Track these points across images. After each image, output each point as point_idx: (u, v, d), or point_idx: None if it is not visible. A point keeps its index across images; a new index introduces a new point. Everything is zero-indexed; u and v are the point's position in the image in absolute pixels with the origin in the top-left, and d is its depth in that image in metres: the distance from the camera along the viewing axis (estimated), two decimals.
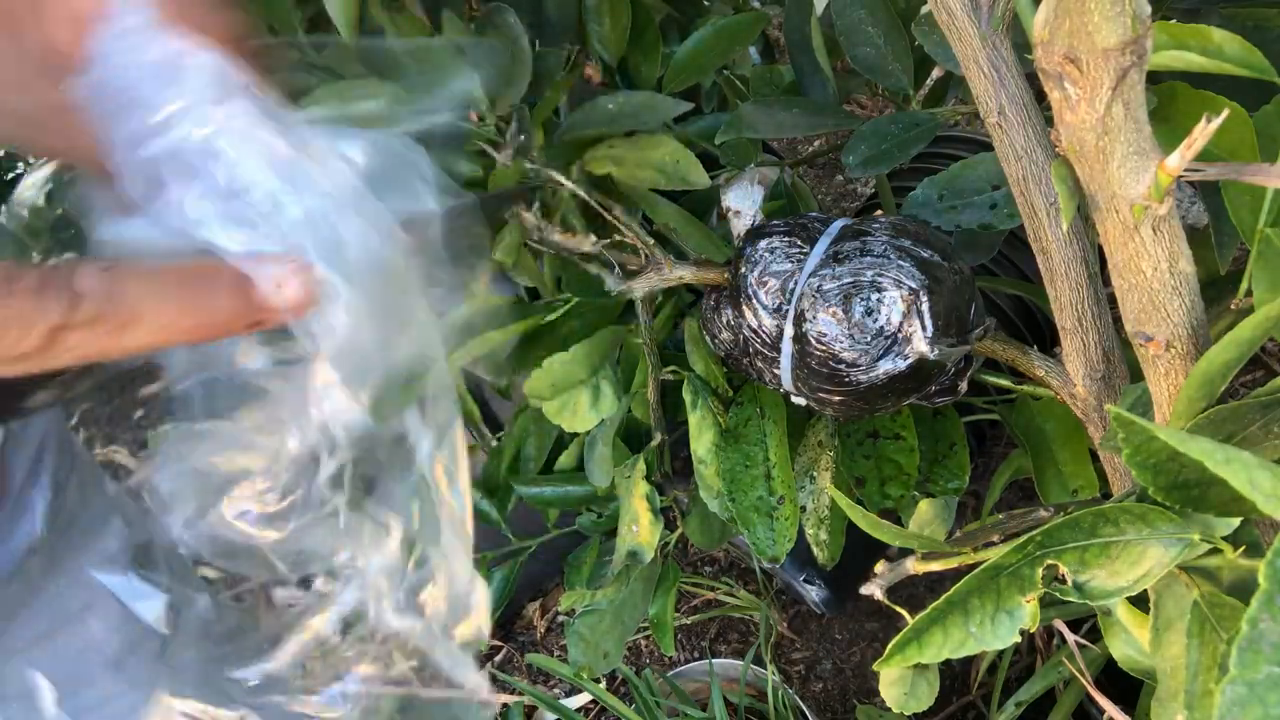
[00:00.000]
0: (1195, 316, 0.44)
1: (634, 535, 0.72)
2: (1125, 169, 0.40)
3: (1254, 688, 0.27)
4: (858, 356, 0.54)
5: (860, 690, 1.43)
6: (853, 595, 1.46)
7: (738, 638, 1.53)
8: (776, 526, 0.65)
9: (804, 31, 0.77)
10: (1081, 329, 0.51)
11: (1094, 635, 1.12)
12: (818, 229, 0.58)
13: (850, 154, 0.67)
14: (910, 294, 0.53)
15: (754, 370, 0.63)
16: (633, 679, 1.21)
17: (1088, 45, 0.37)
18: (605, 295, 0.66)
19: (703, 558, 1.64)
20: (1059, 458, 0.68)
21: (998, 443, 1.61)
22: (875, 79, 0.71)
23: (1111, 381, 0.53)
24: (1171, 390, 0.46)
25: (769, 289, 0.57)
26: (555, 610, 1.62)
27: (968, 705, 1.36)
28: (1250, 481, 0.29)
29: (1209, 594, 0.39)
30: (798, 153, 1.42)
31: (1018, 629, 0.40)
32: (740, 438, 0.68)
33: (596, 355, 0.70)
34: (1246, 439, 0.41)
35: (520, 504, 0.85)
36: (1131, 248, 0.42)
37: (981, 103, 0.47)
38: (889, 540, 0.51)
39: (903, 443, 0.69)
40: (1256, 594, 0.28)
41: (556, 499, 0.81)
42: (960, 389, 0.60)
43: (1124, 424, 0.34)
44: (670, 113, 0.71)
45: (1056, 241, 0.49)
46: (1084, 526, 0.40)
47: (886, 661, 0.41)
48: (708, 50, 0.79)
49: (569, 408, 0.70)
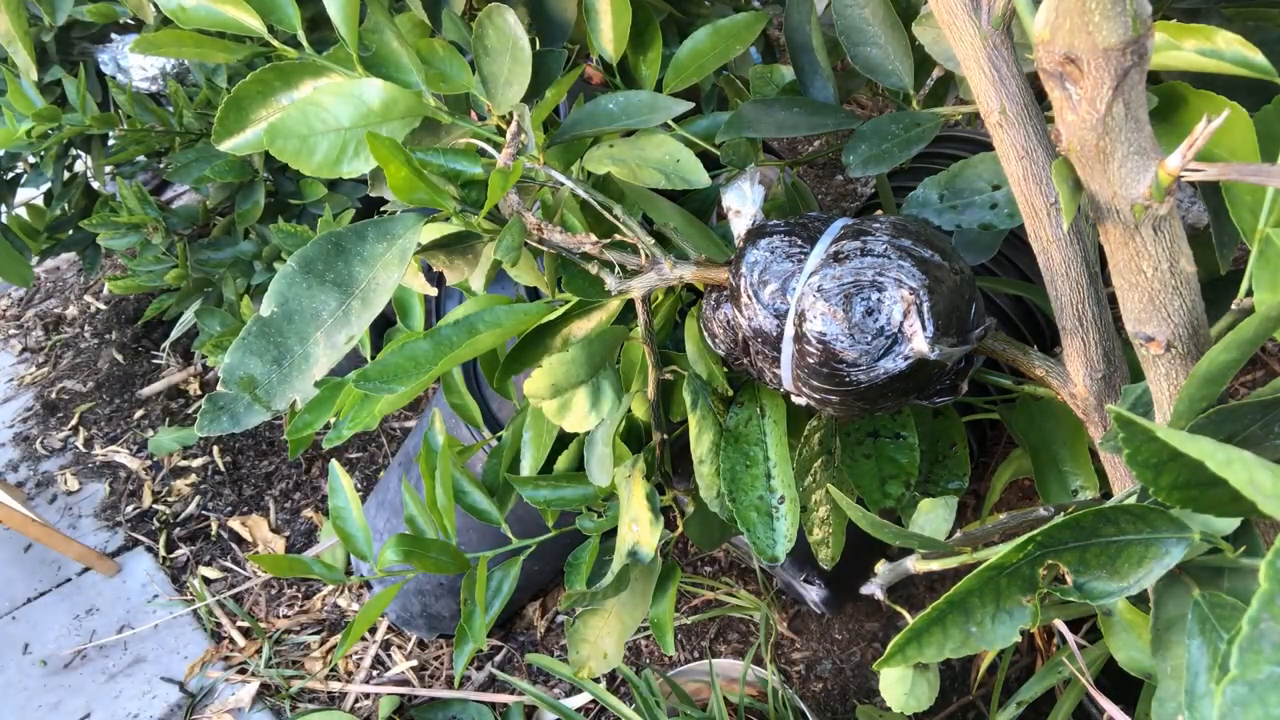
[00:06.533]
0: (1196, 316, 0.44)
1: (634, 535, 0.71)
2: (1126, 169, 0.40)
3: (1255, 687, 0.27)
4: (858, 356, 0.54)
5: (860, 690, 1.43)
6: (853, 595, 1.46)
7: (738, 638, 1.53)
8: (777, 526, 0.65)
9: (804, 31, 0.77)
10: (1082, 329, 0.51)
11: (1094, 635, 1.13)
12: (818, 229, 0.58)
13: (850, 153, 0.67)
14: (911, 294, 0.53)
15: (754, 370, 0.63)
16: (633, 679, 1.21)
17: (1088, 45, 0.37)
18: (605, 295, 0.66)
19: (703, 558, 1.64)
20: (1059, 458, 0.68)
21: (998, 443, 1.61)
22: (876, 78, 0.71)
23: (1112, 381, 0.53)
24: (1172, 390, 0.46)
25: (769, 289, 0.57)
26: (555, 610, 1.62)
27: (968, 705, 1.36)
28: (1251, 481, 0.29)
29: (1210, 594, 0.39)
30: (798, 153, 1.42)
31: (1018, 629, 0.40)
32: (740, 437, 0.67)
33: (597, 355, 0.70)
34: (1247, 439, 0.41)
35: (520, 504, 0.85)
36: (1132, 247, 0.43)
37: (982, 102, 0.47)
38: (889, 540, 0.51)
39: (903, 442, 0.69)
40: (1257, 594, 0.27)
41: (556, 499, 0.81)
42: (961, 389, 0.60)
43: (1124, 424, 0.34)
44: (670, 113, 0.71)
45: (1057, 241, 0.49)
46: (1084, 526, 0.40)
47: (886, 661, 0.41)
48: (708, 50, 0.79)
49: (569, 408, 0.70)
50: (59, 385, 2.40)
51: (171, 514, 1.97)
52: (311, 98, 0.61)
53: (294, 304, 0.56)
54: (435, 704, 1.52)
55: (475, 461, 1.19)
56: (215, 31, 0.65)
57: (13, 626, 1.77)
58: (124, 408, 2.28)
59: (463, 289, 0.73)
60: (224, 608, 1.75)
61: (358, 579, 0.78)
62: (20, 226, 1.78)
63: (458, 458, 0.87)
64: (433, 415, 0.83)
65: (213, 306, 1.59)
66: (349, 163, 0.62)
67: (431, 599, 1.52)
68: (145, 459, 2.12)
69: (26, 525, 1.68)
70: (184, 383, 2.30)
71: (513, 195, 0.63)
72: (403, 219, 0.59)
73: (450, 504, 0.80)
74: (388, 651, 1.63)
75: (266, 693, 1.58)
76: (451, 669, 1.59)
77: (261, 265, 1.62)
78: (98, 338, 2.54)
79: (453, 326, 0.61)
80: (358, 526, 0.80)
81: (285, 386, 0.56)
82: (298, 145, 0.60)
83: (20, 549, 1.93)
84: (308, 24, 0.66)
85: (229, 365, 0.55)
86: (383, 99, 0.63)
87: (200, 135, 1.53)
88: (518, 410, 0.86)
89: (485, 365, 0.81)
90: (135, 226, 1.61)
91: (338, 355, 0.56)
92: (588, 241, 0.64)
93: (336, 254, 0.57)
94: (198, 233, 1.69)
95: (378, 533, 1.51)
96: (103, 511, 2.01)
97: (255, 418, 0.63)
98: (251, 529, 1.90)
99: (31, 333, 2.64)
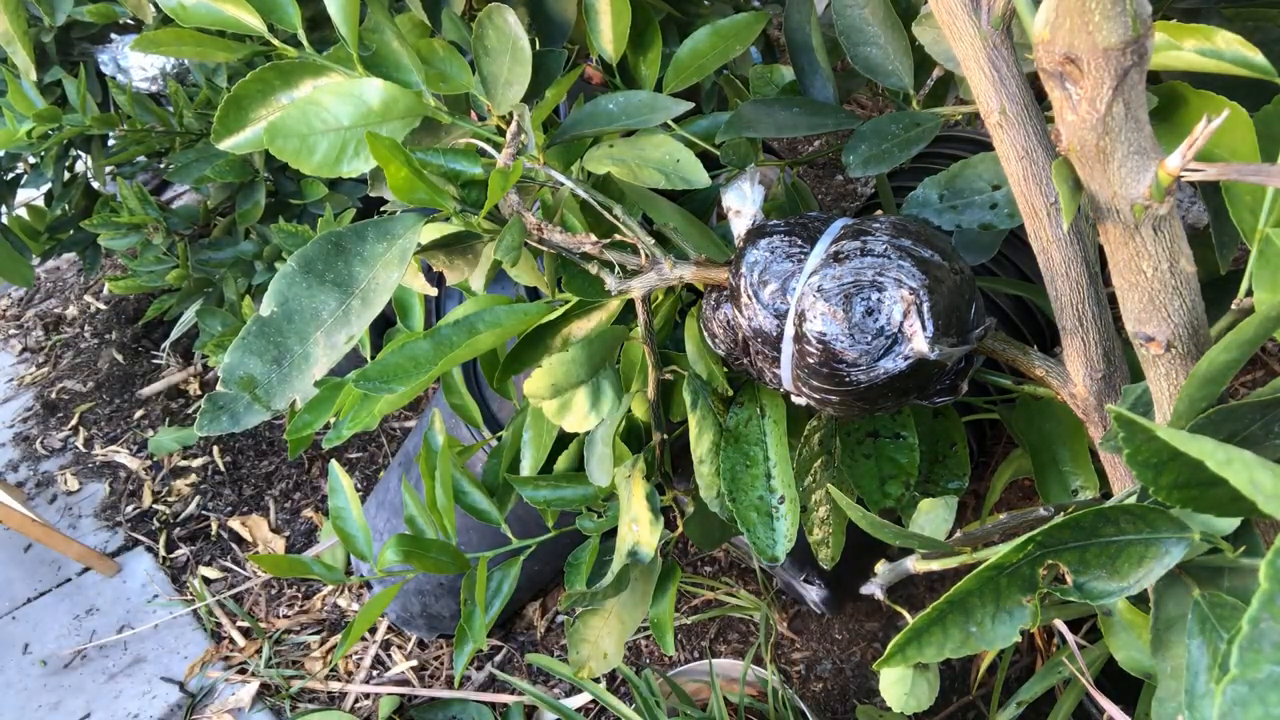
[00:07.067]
0: (1196, 316, 0.44)
1: (634, 535, 0.71)
2: (1126, 169, 0.40)
3: (1255, 687, 0.27)
4: (858, 356, 0.54)
5: (860, 690, 1.43)
6: (853, 595, 1.46)
7: (738, 638, 1.53)
8: (777, 526, 0.65)
9: (804, 31, 0.77)
10: (1082, 329, 0.51)
11: (1094, 635, 1.12)
12: (818, 229, 0.58)
13: (850, 153, 0.67)
14: (911, 294, 0.53)
15: (754, 370, 0.63)
16: (633, 679, 1.21)
17: (1088, 45, 0.37)
18: (605, 295, 0.66)
19: (703, 558, 1.64)
20: (1059, 458, 0.68)
21: (998, 443, 1.61)
22: (876, 78, 0.71)
23: (1112, 381, 0.53)
24: (1172, 390, 0.46)
25: (769, 289, 0.57)
26: (555, 610, 1.62)
27: (968, 705, 1.36)
28: (1251, 481, 0.29)
29: (1210, 594, 0.39)
30: (798, 153, 1.42)
31: (1018, 629, 0.40)
32: (740, 437, 0.67)
33: (597, 355, 0.70)
34: (1247, 439, 0.41)
35: (520, 504, 0.84)
36: (1132, 247, 0.43)
37: (982, 102, 0.47)
38: (889, 540, 0.51)
39: (903, 442, 0.69)
40: (1257, 593, 0.27)
41: (556, 499, 0.81)
42: (961, 389, 0.60)
43: (1125, 424, 0.34)
44: (670, 113, 0.71)
45: (1057, 241, 0.49)
46: (1084, 526, 0.40)
47: (886, 661, 0.41)
48: (708, 50, 0.79)
49: (569, 408, 0.70)
50: (59, 385, 2.41)
51: (171, 514, 1.97)
52: (311, 97, 0.61)
53: (294, 304, 0.56)
54: (435, 704, 1.52)
55: (475, 461, 1.19)
56: (215, 30, 0.65)
57: (13, 626, 1.77)
58: (124, 408, 2.28)
59: (463, 289, 0.73)
60: (224, 608, 1.75)
61: (358, 579, 0.78)
62: (21, 227, 1.78)
63: (458, 458, 0.87)
64: (433, 415, 0.83)
65: (213, 306, 1.59)
66: (349, 162, 0.62)
67: (431, 599, 1.52)
68: (145, 459, 2.12)
69: (26, 525, 1.68)
70: (184, 383, 2.30)
71: (513, 195, 0.63)
72: (403, 219, 0.59)
73: (450, 504, 0.80)
74: (388, 651, 1.63)
75: (266, 693, 1.58)
76: (451, 669, 1.59)
77: (262, 265, 1.62)
78: (98, 338, 2.54)
79: (453, 326, 0.61)
80: (358, 526, 0.80)
81: (285, 386, 0.56)
82: (298, 145, 0.60)
83: (20, 549, 1.93)
84: (308, 23, 0.66)
85: (229, 365, 0.55)
86: (383, 99, 0.63)
87: (200, 135, 1.53)
88: (518, 410, 0.86)
89: (485, 365, 0.81)
90: (136, 226, 1.61)
91: (338, 355, 0.56)
92: (588, 241, 0.64)
93: (336, 254, 0.57)
94: (198, 233, 1.69)
95: (378, 533, 1.51)
96: (103, 511, 2.01)
97: (255, 417, 0.63)
98: (251, 529, 1.90)
99: (31, 333, 2.64)
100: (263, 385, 0.55)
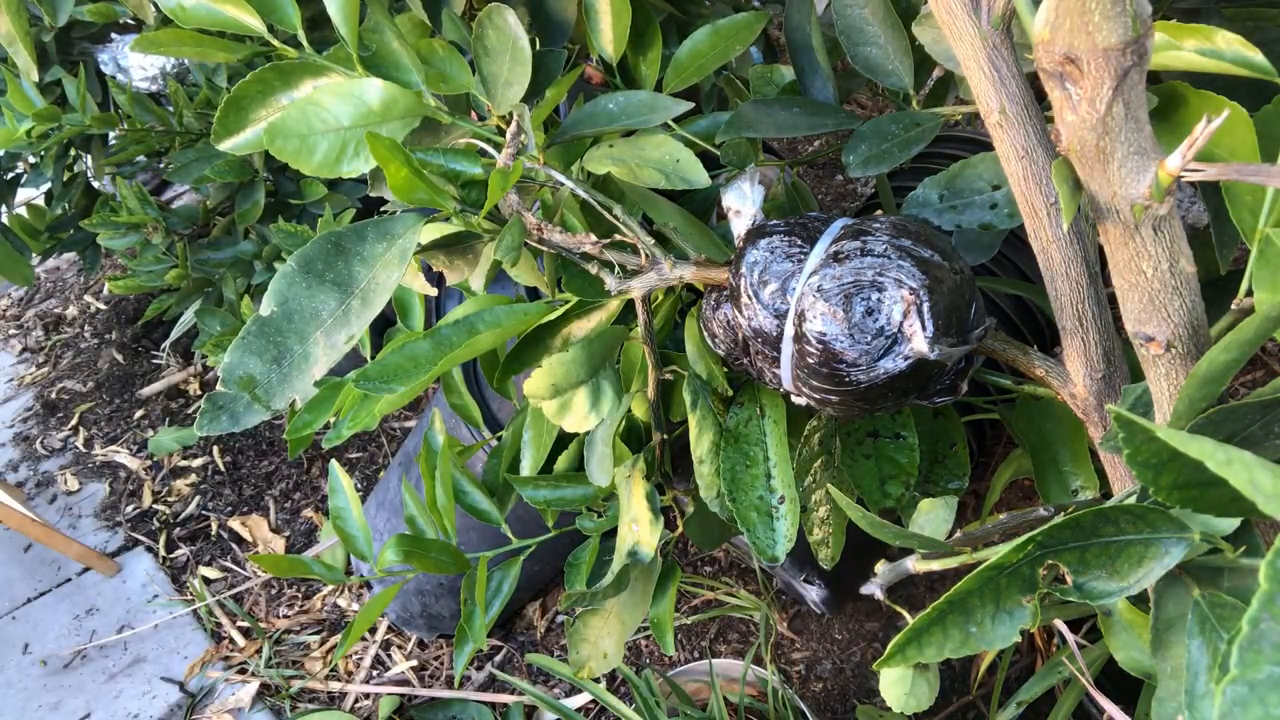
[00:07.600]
0: (1196, 316, 0.44)
1: (634, 535, 0.71)
2: (1126, 169, 0.40)
3: (1255, 687, 0.27)
4: (858, 356, 0.54)
5: (860, 690, 1.43)
6: (853, 595, 1.46)
7: (738, 638, 1.53)
8: (777, 526, 0.65)
9: (804, 31, 0.77)
10: (1082, 329, 0.51)
11: (1094, 635, 1.12)
12: (818, 229, 0.58)
13: (850, 153, 0.67)
14: (911, 294, 0.53)
15: (754, 370, 0.63)
16: (633, 679, 1.21)
17: (1088, 45, 0.37)
18: (605, 295, 0.66)
19: (703, 558, 1.64)
20: (1059, 458, 0.68)
21: (998, 443, 1.61)
22: (876, 78, 0.71)
23: (1112, 381, 0.53)
24: (1172, 390, 0.46)
25: (769, 289, 0.57)
26: (555, 610, 1.62)
27: (968, 705, 1.36)
28: (1251, 481, 0.29)
29: (1210, 594, 0.39)
30: (798, 153, 1.42)
31: (1018, 629, 0.40)
32: (740, 437, 0.67)
33: (597, 355, 0.70)
34: (1247, 439, 0.41)
35: (520, 504, 0.84)
36: (1132, 247, 0.43)
37: (982, 102, 0.47)
38: (889, 540, 0.51)
39: (903, 442, 0.69)
40: (1257, 594, 0.27)
41: (556, 499, 0.81)
42: (961, 389, 0.60)
43: (1125, 424, 0.34)
44: (670, 113, 0.71)
45: (1057, 241, 0.49)
46: (1084, 526, 0.40)
47: (886, 661, 0.41)
48: (708, 50, 0.79)
49: (569, 408, 0.70)
50: (59, 385, 2.41)
51: (171, 514, 1.97)
52: (311, 97, 0.61)
53: (294, 304, 0.56)
54: (435, 704, 1.52)
55: (475, 461, 1.19)
56: (215, 31, 0.65)
57: (13, 626, 1.77)
58: (124, 408, 2.28)
59: (463, 289, 0.73)
60: (224, 608, 1.75)
61: (358, 579, 0.78)
62: (21, 226, 1.78)
63: (458, 458, 0.87)
64: (433, 415, 0.83)
65: (213, 306, 1.59)
66: (349, 163, 0.62)
67: (431, 599, 1.52)
68: (145, 459, 2.12)
69: (26, 525, 1.68)
70: (184, 383, 2.30)
71: (513, 195, 0.63)
72: (403, 219, 0.59)
73: (450, 504, 0.80)
74: (388, 651, 1.63)
75: (266, 693, 1.58)
76: (451, 669, 1.59)
77: (261, 265, 1.62)
78: (98, 338, 2.54)
79: (453, 326, 0.61)
80: (358, 526, 0.80)
81: (285, 386, 0.56)
82: (298, 145, 0.60)
83: (20, 549, 1.93)
84: (308, 24, 0.66)
85: (228, 365, 0.55)
86: (383, 99, 0.63)
87: (200, 135, 1.53)
88: (518, 410, 0.85)
89: (485, 365, 0.81)
90: (135, 226, 1.61)
91: (337, 355, 0.56)
92: (588, 241, 0.64)
93: (336, 254, 0.57)
94: (198, 233, 1.69)
95: (378, 533, 1.51)
96: (103, 511, 2.01)
97: (255, 417, 0.63)
98: (251, 529, 1.90)
99: (31, 333, 2.64)
100: (262, 385, 0.55)
